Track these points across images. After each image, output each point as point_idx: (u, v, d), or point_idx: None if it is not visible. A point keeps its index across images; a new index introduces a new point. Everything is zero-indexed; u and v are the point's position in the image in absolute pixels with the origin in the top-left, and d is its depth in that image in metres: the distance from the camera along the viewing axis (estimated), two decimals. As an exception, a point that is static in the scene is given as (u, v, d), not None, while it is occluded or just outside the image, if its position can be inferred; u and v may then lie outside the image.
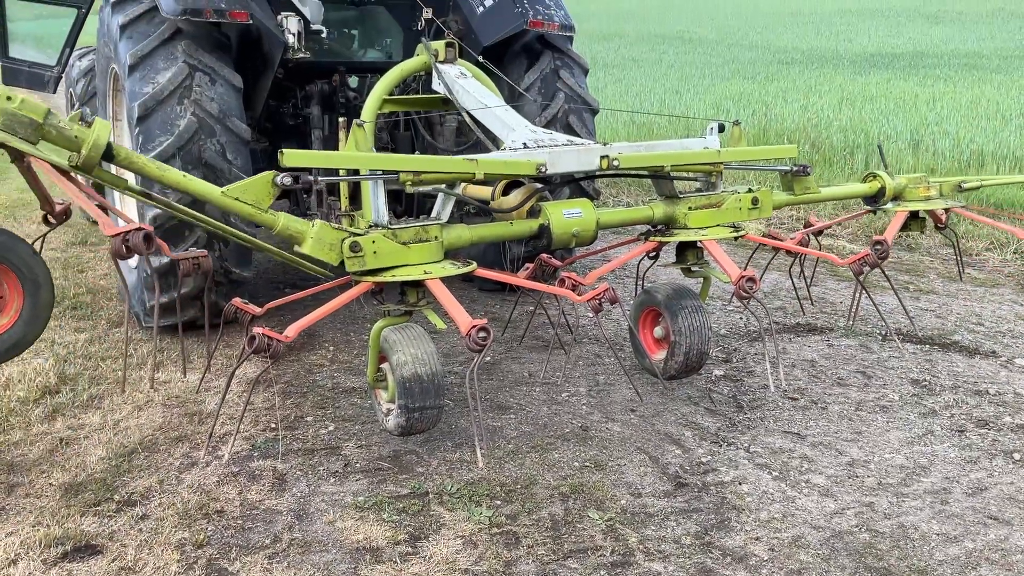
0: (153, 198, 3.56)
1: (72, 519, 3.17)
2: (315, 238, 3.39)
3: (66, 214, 3.61)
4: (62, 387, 4.33)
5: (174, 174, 3.36)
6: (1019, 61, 19.90)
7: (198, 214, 3.67)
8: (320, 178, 3.53)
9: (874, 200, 4.81)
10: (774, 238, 4.70)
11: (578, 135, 5.41)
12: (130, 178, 3.93)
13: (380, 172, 3.48)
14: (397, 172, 3.47)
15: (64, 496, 3.33)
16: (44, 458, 3.64)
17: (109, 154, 3.18)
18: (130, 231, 3.14)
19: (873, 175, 4.80)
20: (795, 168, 4.48)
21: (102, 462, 3.60)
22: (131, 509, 3.25)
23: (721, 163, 4.13)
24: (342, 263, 3.45)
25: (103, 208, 3.39)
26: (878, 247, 4.48)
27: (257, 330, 3.30)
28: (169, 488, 3.40)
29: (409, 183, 3.49)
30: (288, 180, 3.32)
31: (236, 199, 3.35)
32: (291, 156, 3.27)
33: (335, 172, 3.61)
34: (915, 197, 4.78)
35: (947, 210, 4.92)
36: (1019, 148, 9.37)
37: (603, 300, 3.70)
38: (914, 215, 4.88)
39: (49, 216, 3.59)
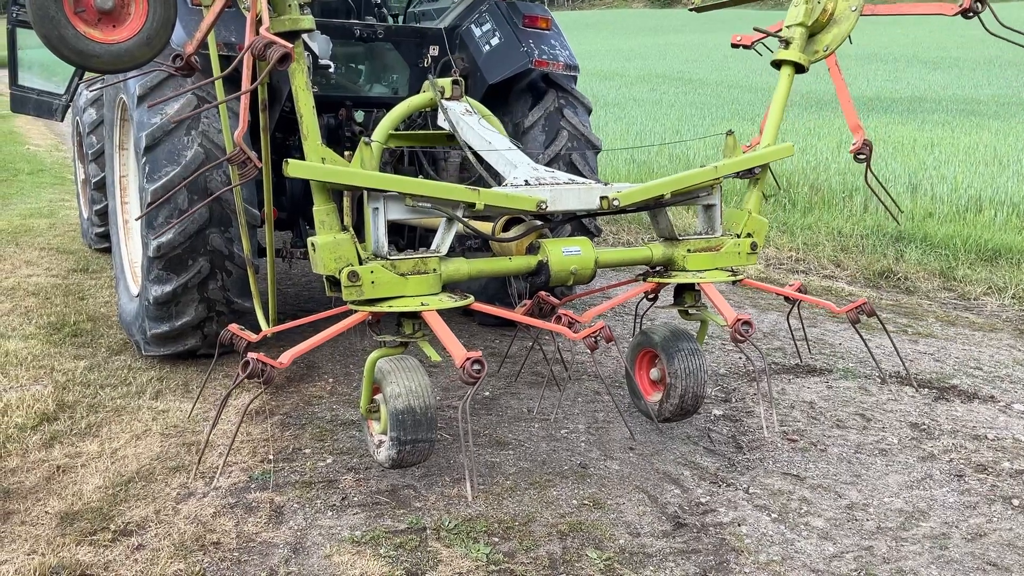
0: None
1: (67, 548, 3.15)
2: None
3: None
4: (60, 414, 4.32)
5: None
6: (1016, 108, 20.11)
7: None
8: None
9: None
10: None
11: (581, 173, 5.45)
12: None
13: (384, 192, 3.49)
14: (400, 193, 3.49)
15: (60, 525, 3.31)
16: (41, 486, 3.62)
17: None
18: None
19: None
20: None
21: (99, 491, 3.59)
22: (127, 539, 3.24)
23: (719, 177, 4.11)
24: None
25: None
26: (862, 152, 4.31)
27: (251, 355, 3.31)
28: (165, 518, 3.39)
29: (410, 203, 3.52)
30: None
31: None
32: (295, 167, 3.38)
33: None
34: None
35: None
36: (1016, 194, 9.44)
37: (598, 338, 3.71)
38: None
39: None
